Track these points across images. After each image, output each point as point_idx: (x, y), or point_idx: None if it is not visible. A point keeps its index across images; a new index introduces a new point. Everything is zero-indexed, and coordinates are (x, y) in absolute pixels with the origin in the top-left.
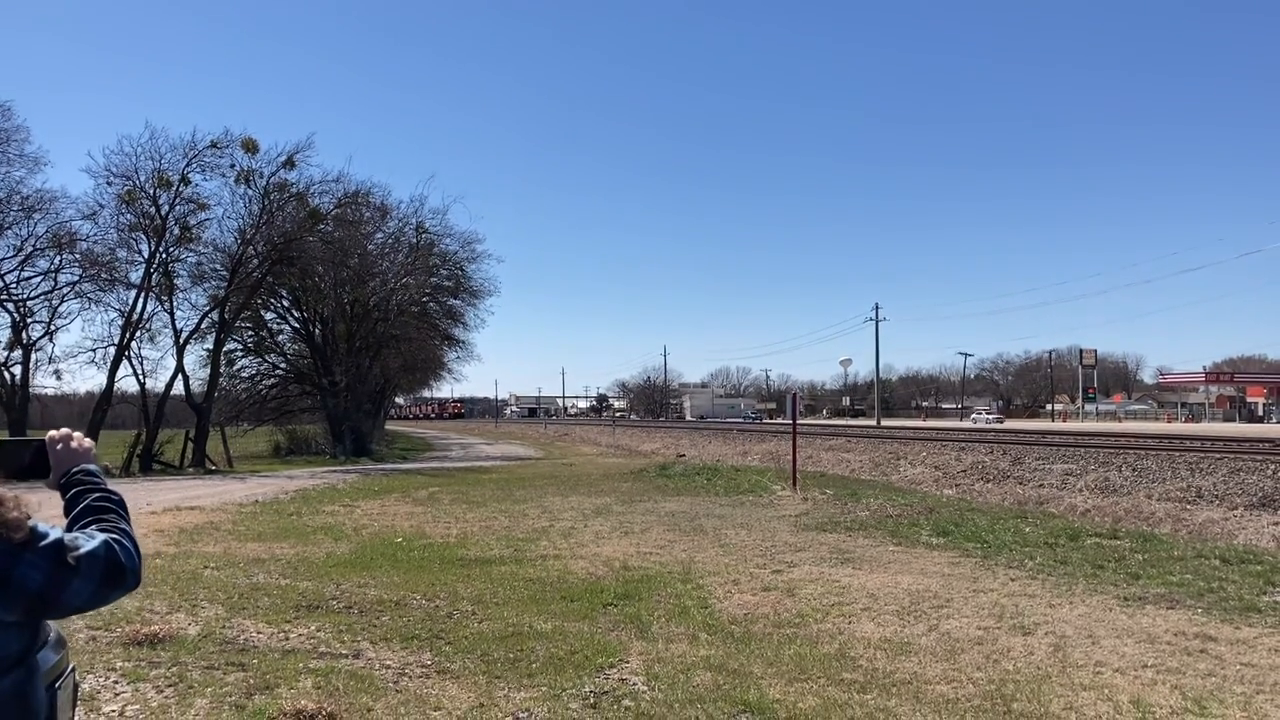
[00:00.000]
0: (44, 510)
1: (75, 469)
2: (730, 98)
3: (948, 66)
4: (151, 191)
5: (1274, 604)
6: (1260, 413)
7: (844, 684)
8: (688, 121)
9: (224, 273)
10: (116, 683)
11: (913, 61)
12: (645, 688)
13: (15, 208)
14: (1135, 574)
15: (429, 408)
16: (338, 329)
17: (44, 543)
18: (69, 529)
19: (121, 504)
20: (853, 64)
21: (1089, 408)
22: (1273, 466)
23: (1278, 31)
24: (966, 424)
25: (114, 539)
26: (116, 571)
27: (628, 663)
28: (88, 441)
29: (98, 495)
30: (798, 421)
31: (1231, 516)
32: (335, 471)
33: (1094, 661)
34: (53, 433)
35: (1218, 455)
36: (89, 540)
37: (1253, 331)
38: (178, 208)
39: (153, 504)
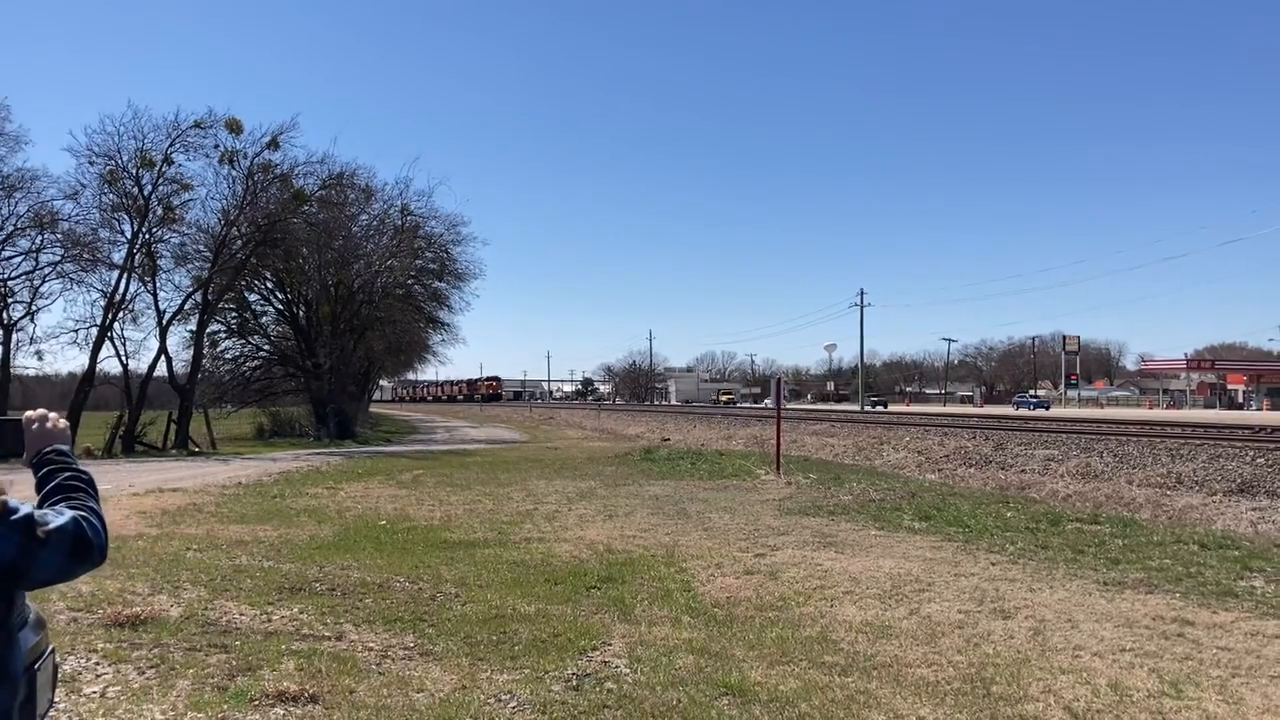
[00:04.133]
0: (16, 489)
1: (48, 448)
2: (722, 78)
3: (936, 50)
4: (134, 171)
5: (1250, 589)
6: (1240, 399)
7: (825, 667)
8: (678, 100)
9: (207, 254)
10: (98, 664)
11: (903, 44)
12: (628, 670)
13: None
14: (1115, 559)
15: (455, 389)
16: (322, 311)
17: (14, 516)
18: (39, 505)
19: (91, 483)
20: (845, 44)
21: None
22: (1251, 453)
23: (1266, 18)
24: None
25: (82, 516)
26: (84, 546)
27: (610, 645)
28: (63, 422)
29: (68, 474)
30: (782, 406)
31: (1210, 502)
32: (319, 454)
33: (1073, 645)
34: (29, 413)
35: (1198, 442)
36: (58, 516)
37: (1233, 319)
38: (161, 188)
39: (135, 486)
